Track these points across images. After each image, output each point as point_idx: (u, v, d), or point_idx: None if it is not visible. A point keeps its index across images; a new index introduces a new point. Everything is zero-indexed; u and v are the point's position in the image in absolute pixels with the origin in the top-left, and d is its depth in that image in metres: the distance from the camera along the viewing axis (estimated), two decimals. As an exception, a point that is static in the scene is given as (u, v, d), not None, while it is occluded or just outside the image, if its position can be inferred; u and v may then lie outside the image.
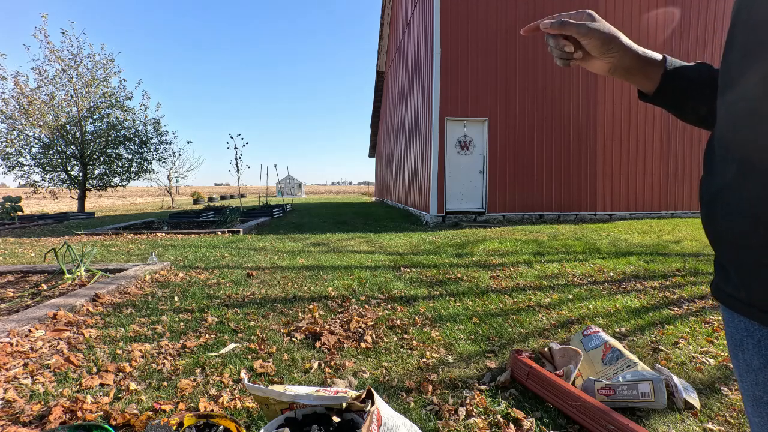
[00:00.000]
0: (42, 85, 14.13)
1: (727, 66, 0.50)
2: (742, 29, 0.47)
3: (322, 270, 4.42)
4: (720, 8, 9.79)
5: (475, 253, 5.24)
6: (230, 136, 15.12)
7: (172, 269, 4.55)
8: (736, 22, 0.49)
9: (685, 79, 0.66)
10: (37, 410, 1.75)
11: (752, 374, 0.51)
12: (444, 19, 8.80)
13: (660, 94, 0.68)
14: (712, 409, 1.74)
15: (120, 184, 16.45)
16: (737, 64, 0.48)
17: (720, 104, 0.52)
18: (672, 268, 4.31)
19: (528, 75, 9.15)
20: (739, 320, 0.52)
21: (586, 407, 1.60)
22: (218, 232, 7.64)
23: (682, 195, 9.88)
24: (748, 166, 0.46)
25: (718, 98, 0.53)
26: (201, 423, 1.46)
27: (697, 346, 2.36)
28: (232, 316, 2.95)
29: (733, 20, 0.50)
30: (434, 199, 8.92)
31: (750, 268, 0.47)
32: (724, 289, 0.54)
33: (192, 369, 2.15)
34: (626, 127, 9.56)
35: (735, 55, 0.48)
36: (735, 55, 0.48)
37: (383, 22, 17.22)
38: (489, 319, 2.87)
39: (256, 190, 58.15)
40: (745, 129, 0.46)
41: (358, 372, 2.11)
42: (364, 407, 1.33)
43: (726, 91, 0.50)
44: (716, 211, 0.52)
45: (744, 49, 0.47)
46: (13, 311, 3.02)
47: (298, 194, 33.36)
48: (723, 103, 0.51)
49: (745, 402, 0.54)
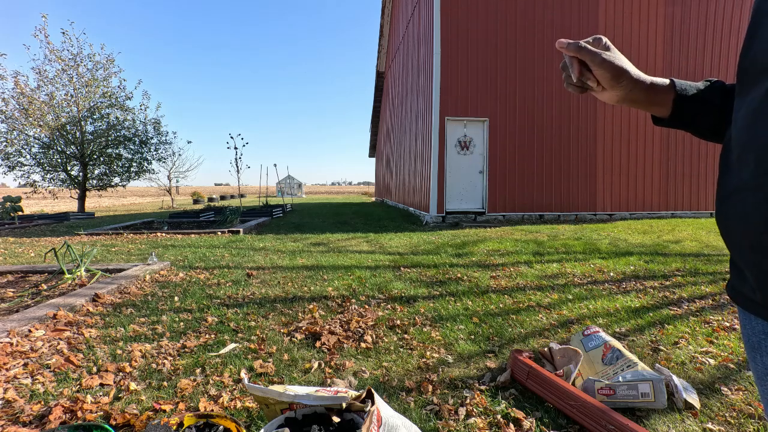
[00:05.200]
0: (42, 85, 14.13)
1: (750, 63, 0.49)
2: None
3: (322, 270, 4.42)
4: (720, 7, 9.78)
5: (475, 253, 5.24)
6: (230, 136, 15.12)
7: (172, 269, 4.55)
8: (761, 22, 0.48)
9: (698, 101, 0.65)
10: (37, 410, 1.75)
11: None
12: (444, 18, 8.80)
13: (674, 119, 0.68)
14: (712, 409, 1.74)
15: (120, 184, 16.45)
16: (763, 61, 0.46)
17: (739, 103, 0.51)
18: (672, 268, 4.31)
19: (528, 75, 9.15)
20: (757, 322, 0.51)
21: (586, 407, 1.60)
22: (218, 232, 7.63)
23: (682, 195, 9.88)
24: (766, 165, 0.45)
25: (737, 98, 0.52)
26: (201, 423, 1.46)
27: (697, 346, 2.36)
28: (232, 316, 2.95)
29: (755, 20, 0.49)
30: (434, 199, 8.92)
31: (767, 269, 0.46)
32: (741, 291, 0.52)
33: (192, 369, 2.15)
34: (626, 127, 9.56)
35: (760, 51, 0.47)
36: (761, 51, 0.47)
37: (383, 22, 17.22)
38: (489, 319, 2.87)
39: (256, 190, 58.15)
40: (765, 127, 0.45)
41: (358, 372, 2.11)
42: (364, 407, 1.33)
43: (748, 90, 0.49)
44: (732, 210, 0.51)
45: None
46: (13, 311, 3.02)
47: (298, 194, 33.35)
48: (743, 102, 0.50)
49: (765, 404, 0.54)
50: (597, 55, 0.63)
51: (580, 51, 0.64)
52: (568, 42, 0.64)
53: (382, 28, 17.50)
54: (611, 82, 0.64)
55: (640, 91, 0.65)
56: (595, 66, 0.63)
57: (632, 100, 0.67)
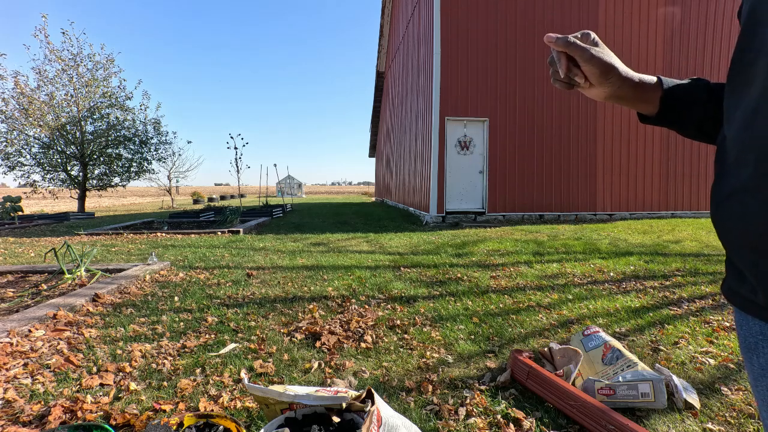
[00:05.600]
0: (42, 84, 14.13)
1: (747, 64, 0.48)
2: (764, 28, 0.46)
3: (322, 270, 4.42)
4: (720, 7, 9.78)
5: (475, 253, 5.24)
6: (230, 136, 15.12)
7: (172, 269, 4.55)
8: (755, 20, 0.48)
9: (685, 100, 0.65)
10: (37, 410, 1.75)
11: (767, 379, 0.50)
12: (444, 18, 8.80)
13: (661, 117, 0.68)
14: (712, 409, 1.74)
15: (120, 184, 16.45)
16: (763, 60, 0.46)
17: (733, 104, 0.51)
18: (672, 268, 4.31)
19: (528, 75, 9.15)
20: (754, 323, 0.51)
21: (586, 407, 1.60)
22: (218, 232, 7.63)
23: (682, 195, 9.88)
24: (766, 165, 0.45)
25: (730, 98, 0.52)
26: (201, 423, 1.46)
27: (697, 346, 2.36)
28: (232, 316, 2.95)
29: (748, 19, 0.49)
30: (434, 199, 8.92)
31: (766, 270, 0.46)
32: (738, 291, 0.52)
33: (192, 369, 2.15)
34: (626, 127, 9.56)
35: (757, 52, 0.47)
36: (757, 53, 0.47)
37: (383, 22, 17.22)
38: (489, 319, 2.86)
39: (256, 190, 58.14)
40: (764, 128, 0.45)
41: (358, 372, 2.11)
42: (364, 407, 1.33)
43: (744, 89, 0.49)
44: (731, 212, 0.50)
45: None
46: (13, 311, 3.02)
47: (298, 194, 33.35)
48: (739, 103, 0.49)
49: (760, 406, 0.53)
50: (586, 51, 0.62)
51: (569, 46, 0.63)
52: (557, 36, 0.63)
53: (382, 28, 17.50)
54: (600, 79, 0.63)
55: (629, 88, 0.65)
56: (584, 62, 0.63)
57: (620, 97, 0.66)
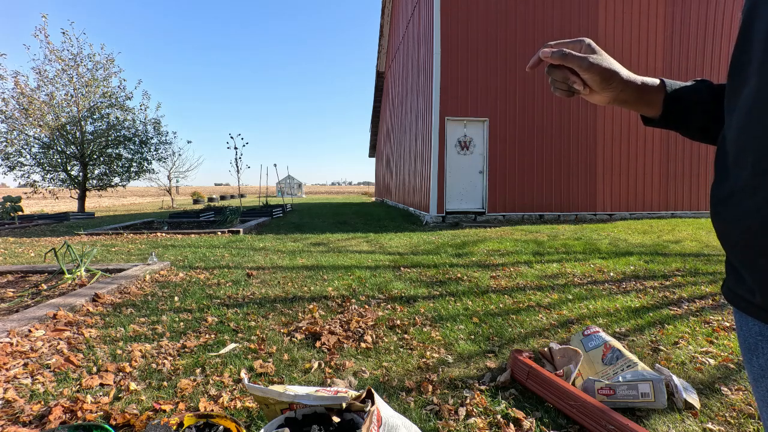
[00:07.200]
0: (42, 84, 14.13)
1: (745, 65, 0.48)
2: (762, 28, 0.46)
3: (322, 270, 4.42)
4: (720, 7, 9.78)
5: (475, 253, 5.24)
6: (230, 136, 15.12)
7: (172, 269, 4.55)
8: (753, 21, 0.47)
9: (688, 101, 0.65)
10: (37, 410, 1.75)
11: (767, 379, 0.50)
12: (444, 18, 8.80)
13: (665, 119, 0.67)
14: (712, 409, 1.74)
15: (120, 184, 16.45)
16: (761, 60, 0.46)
17: (733, 106, 0.51)
18: (672, 268, 4.31)
19: (528, 75, 9.14)
20: (753, 324, 0.51)
21: (586, 407, 1.60)
22: (218, 232, 7.63)
23: (682, 195, 9.88)
24: (765, 166, 0.45)
25: (731, 99, 0.52)
26: (201, 423, 1.46)
27: (697, 346, 2.36)
28: (232, 316, 2.95)
29: (746, 20, 0.49)
30: (434, 199, 8.92)
31: (766, 270, 0.46)
32: (737, 292, 0.52)
33: (192, 369, 2.15)
34: (626, 127, 9.56)
35: (751, 52, 0.47)
36: (752, 53, 0.47)
37: (383, 23, 17.21)
38: (489, 319, 2.86)
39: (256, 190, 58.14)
40: (764, 128, 0.45)
41: (358, 372, 2.11)
42: (364, 407, 1.33)
43: (741, 90, 0.49)
44: (730, 212, 0.50)
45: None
46: (13, 311, 3.02)
47: (298, 194, 33.35)
48: (737, 104, 0.49)
49: (760, 406, 0.53)
50: (584, 60, 0.62)
51: (565, 59, 0.62)
52: (552, 51, 0.63)
53: (382, 28, 17.50)
54: (601, 85, 0.63)
55: (631, 92, 0.65)
56: (583, 71, 0.62)
57: (622, 101, 0.66)
